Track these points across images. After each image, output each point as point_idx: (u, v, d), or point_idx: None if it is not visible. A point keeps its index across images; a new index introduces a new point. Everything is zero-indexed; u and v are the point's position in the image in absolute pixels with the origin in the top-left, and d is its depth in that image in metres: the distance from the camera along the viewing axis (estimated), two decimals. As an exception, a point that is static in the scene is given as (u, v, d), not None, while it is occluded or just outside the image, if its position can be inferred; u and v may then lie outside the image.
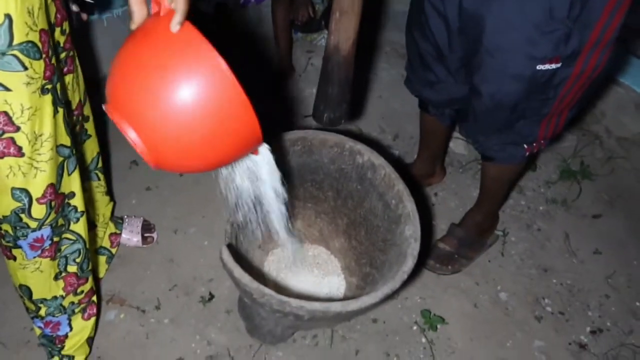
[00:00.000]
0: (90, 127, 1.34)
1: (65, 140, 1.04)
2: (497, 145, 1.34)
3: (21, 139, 0.93)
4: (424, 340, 1.51)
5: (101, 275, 1.58)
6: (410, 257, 1.10)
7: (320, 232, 1.47)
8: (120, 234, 1.65)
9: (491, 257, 1.72)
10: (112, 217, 1.62)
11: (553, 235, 1.79)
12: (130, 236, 1.66)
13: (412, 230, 1.15)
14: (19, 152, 0.94)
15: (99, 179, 1.49)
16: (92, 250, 1.55)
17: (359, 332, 1.50)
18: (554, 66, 1.06)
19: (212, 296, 1.59)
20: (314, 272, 1.46)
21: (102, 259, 1.59)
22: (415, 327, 1.53)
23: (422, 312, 1.55)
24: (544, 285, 1.66)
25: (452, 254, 1.63)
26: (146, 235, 1.68)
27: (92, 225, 1.53)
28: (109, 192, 1.59)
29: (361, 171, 1.31)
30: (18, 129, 0.92)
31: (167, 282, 1.61)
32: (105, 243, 1.60)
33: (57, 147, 1.02)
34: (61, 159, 1.05)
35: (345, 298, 1.37)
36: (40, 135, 0.96)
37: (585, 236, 1.79)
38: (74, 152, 1.09)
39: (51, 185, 1.03)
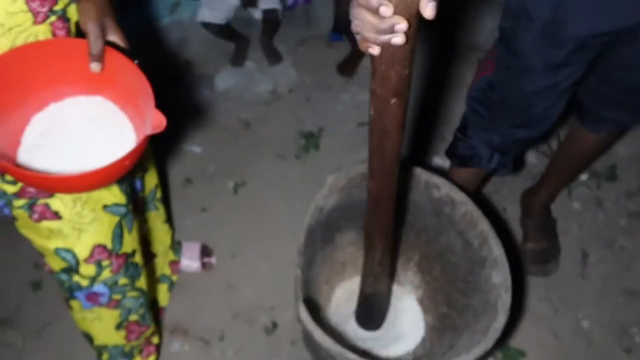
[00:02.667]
0: (147, 160, 1.29)
1: (120, 198, 1.00)
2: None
3: (56, 203, 0.90)
4: (501, 375, 1.43)
5: (164, 304, 1.55)
6: (502, 311, 1.01)
7: (389, 264, 1.39)
8: (179, 261, 1.61)
9: (570, 281, 1.59)
10: (172, 244, 1.58)
11: (638, 254, 1.65)
12: (190, 262, 1.62)
13: (501, 278, 1.05)
14: (56, 216, 0.92)
15: (158, 209, 1.44)
16: (154, 280, 1.53)
17: (433, 367, 1.42)
18: None
19: (275, 325, 1.54)
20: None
21: (164, 287, 1.56)
22: (492, 361, 1.44)
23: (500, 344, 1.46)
24: (631, 311, 1.54)
25: (546, 249, 1.58)
26: (205, 260, 1.64)
27: (152, 256, 1.50)
28: (169, 219, 1.55)
29: (437, 205, 1.21)
30: (51, 194, 0.89)
31: (229, 310, 1.57)
32: (166, 271, 1.56)
33: (109, 207, 0.98)
34: (117, 218, 1.00)
35: (423, 341, 1.30)
36: (79, 198, 0.92)
37: (675, 255, 1.64)
38: (130, 208, 1.04)
39: (99, 245, 0.99)
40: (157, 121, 0.77)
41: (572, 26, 0.95)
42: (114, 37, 0.82)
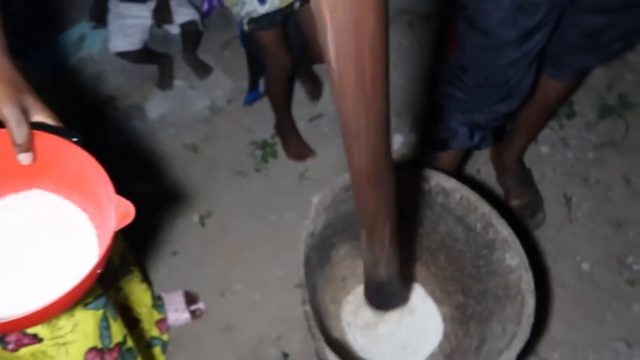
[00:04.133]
0: None
1: (98, 289, 0.86)
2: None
3: None
4: (522, 340, 1.41)
5: (161, 369, 1.42)
6: (529, 293, 0.97)
7: (389, 264, 1.32)
8: (165, 317, 1.48)
9: (560, 227, 1.60)
10: (153, 302, 1.44)
11: (613, 183, 1.67)
12: (177, 315, 1.49)
13: (517, 259, 1.01)
14: (35, 339, 0.79)
15: (132, 271, 1.31)
16: (144, 345, 1.39)
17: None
18: None
19: (286, 356, 1.45)
20: (399, 309, 1.32)
21: (157, 351, 1.43)
22: (510, 329, 1.43)
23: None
24: (622, 241, 1.56)
25: (530, 202, 1.57)
26: (193, 308, 1.52)
27: (137, 322, 1.36)
28: (145, 277, 1.41)
29: (430, 197, 1.14)
30: None
31: (234, 353, 1.47)
32: (154, 332, 1.43)
33: (90, 304, 0.84)
34: (100, 312, 0.87)
35: (446, 336, 1.25)
36: None
37: (646, 174, 1.68)
38: (110, 295, 0.91)
39: (91, 350, 0.86)
40: (122, 210, 0.64)
41: None
42: (40, 116, 0.66)
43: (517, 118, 1.53)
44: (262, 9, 1.32)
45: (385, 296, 1.11)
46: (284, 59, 1.54)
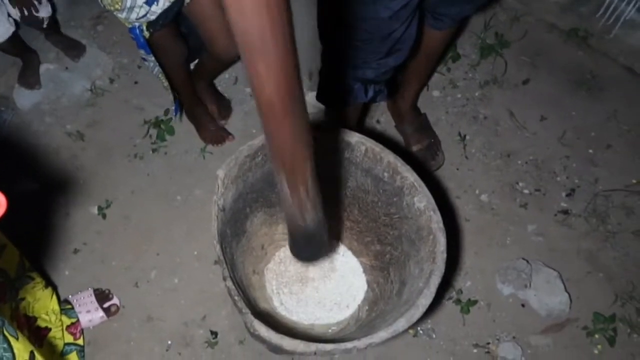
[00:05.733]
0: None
1: None
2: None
3: None
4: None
5: (83, 375, 1.33)
6: (439, 232, 1.01)
7: (305, 226, 1.32)
8: (77, 320, 1.37)
9: (458, 165, 1.69)
10: (60, 306, 1.33)
11: (499, 118, 1.79)
12: (90, 316, 1.40)
13: (424, 201, 1.05)
14: None
15: (33, 278, 1.20)
16: (58, 355, 1.29)
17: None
18: None
19: (215, 334, 1.42)
20: (320, 266, 1.33)
21: (74, 357, 1.33)
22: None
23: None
24: (512, 169, 1.69)
25: (429, 145, 1.65)
26: (106, 305, 1.42)
27: (45, 332, 1.26)
28: (48, 282, 1.29)
29: (335, 154, 1.14)
30: None
31: (160, 343, 1.41)
32: (68, 338, 1.33)
33: None
34: None
35: (369, 284, 1.28)
36: None
37: (526, 106, 1.82)
38: (5, 310, 0.82)
39: None
40: None
41: None
42: None
43: (406, 68, 1.56)
44: (158, 8, 1.21)
45: (314, 246, 0.97)
46: (175, 47, 1.43)
